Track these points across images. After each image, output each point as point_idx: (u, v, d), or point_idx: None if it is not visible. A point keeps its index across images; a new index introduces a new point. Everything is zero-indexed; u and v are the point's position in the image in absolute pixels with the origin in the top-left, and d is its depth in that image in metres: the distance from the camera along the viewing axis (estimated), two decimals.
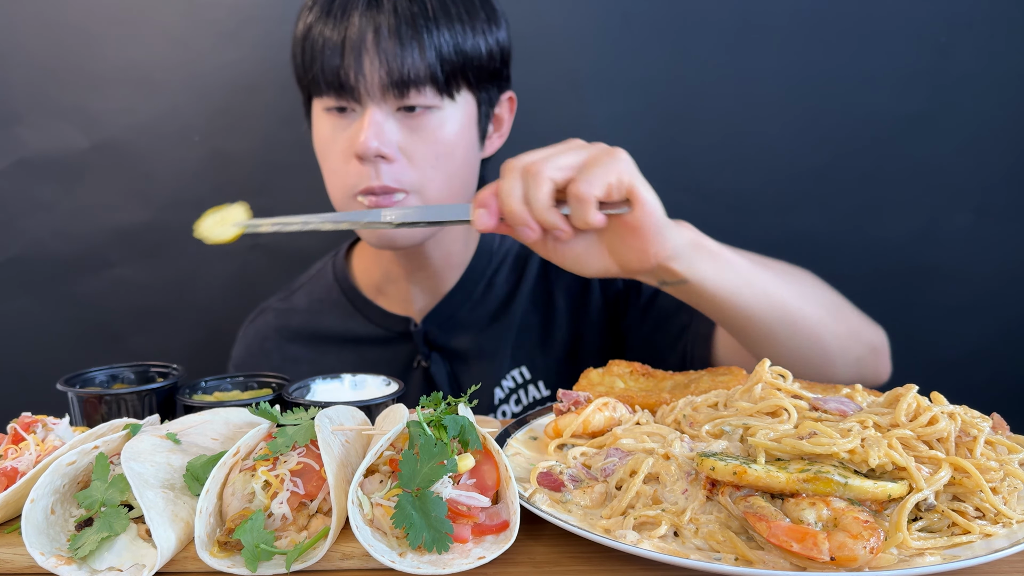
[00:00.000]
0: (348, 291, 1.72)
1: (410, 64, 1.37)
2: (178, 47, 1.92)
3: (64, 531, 0.82)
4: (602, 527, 0.83)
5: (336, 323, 1.71)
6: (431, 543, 0.76)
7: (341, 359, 1.68)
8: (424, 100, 1.40)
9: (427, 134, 1.43)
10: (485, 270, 1.67)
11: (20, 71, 1.91)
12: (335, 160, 1.47)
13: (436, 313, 1.65)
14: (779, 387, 0.97)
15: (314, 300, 1.75)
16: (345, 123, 1.44)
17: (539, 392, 1.65)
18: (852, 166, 2.01)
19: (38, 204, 1.96)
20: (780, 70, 1.96)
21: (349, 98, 1.40)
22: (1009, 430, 0.95)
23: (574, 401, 1.07)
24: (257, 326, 1.78)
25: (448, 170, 1.46)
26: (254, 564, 0.76)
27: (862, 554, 0.72)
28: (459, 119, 1.46)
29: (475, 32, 1.44)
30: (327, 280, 1.76)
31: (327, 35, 1.39)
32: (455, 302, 1.66)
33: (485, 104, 1.52)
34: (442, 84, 1.41)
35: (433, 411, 0.89)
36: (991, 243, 2.05)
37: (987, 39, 1.95)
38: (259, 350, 1.75)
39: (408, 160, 1.43)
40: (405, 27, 1.37)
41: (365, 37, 1.37)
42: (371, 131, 1.38)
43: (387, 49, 1.36)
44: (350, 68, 1.37)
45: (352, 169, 1.43)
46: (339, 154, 1.45)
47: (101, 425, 0.97)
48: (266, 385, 1.25)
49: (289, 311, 1.76)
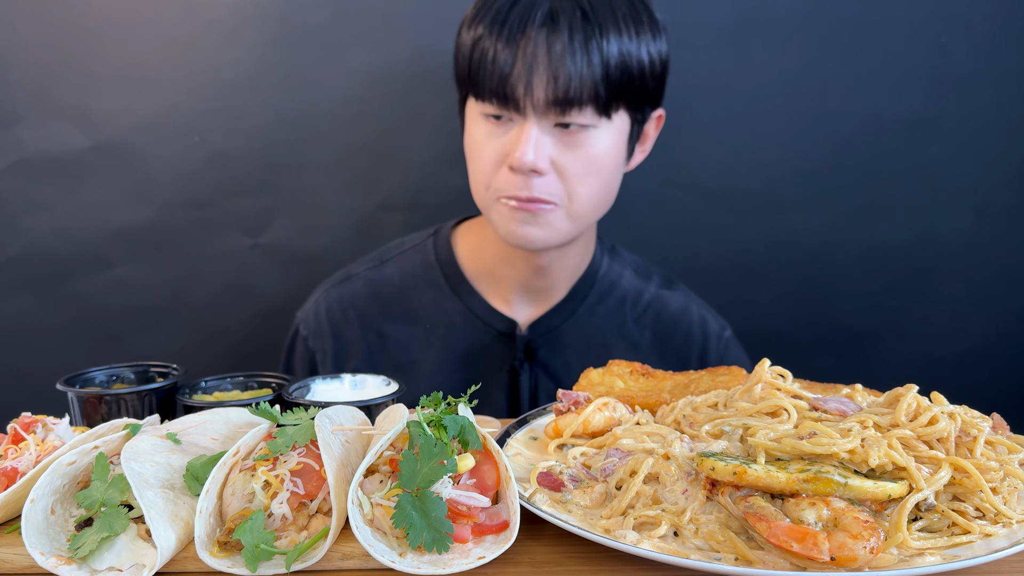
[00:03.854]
0: (451, 273, 1.67)
1: (577, 84, 1.38)
2: (178, 47, 1.92)
3: (64, 531, 0.82)
4: (602, 527, 0.83)
5: (430, 304, 1.66)
6: (431, 543, 0.76)
7: (429, 344, 1.65)
8: (583, 119, 1.42)
9: (581, 152, 1.44)
10: (588, 294, 1.67)
11: (20, 71, 1.91)
12: (486, 163, 1.47)
13: (540, 324, 1.64)
14: (779, 387, 0.97)
15: (407, 275, 1.69)
16: (501, 130, 1.45)
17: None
18: (852, 166, 2.01)
19: (38, 204, 1.96)
20: (780, 70, 1.96)
21: (512, 109, 1.41)
22: (1009, 430, 0.95)
23: (574, 401, 1.07)
24: (342, 291, 1.69)
25: (595, 186, 1.48)
26: (254, 564, 0.76)
27: (862, 554, 0.72)
28: (612, 138, 1.47)
29: (640, 41, 1.44)
30: (426, 255, 1.69)
31: (499, 50, 1.39)
32: (558, 318, 1.65)
33: (638, 124, 1.54)
34: (603, 104, 1.41)
35: (433, 411, 0.89)
36: (991, 243, 2.05)
37: (987, 39, 1.95)
38: (341, 318, 1.67)
39: (558, 174, 1.44)
40: (579, 46, 1.38)
41: (538, 54, 1.37)
42: (530, 146, 1.39)
43: (558, 67, 1.37)
44: (519, 82, 1.38)
45: (503, 175, 1.45)
46: (491, 159, 1.46)
47: (101, 425, 0.97)
48: (266, 385, 1.25)
49: (381, 282, 1.69)
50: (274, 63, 1.92)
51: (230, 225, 2.00)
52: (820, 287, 2.07)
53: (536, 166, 1.40)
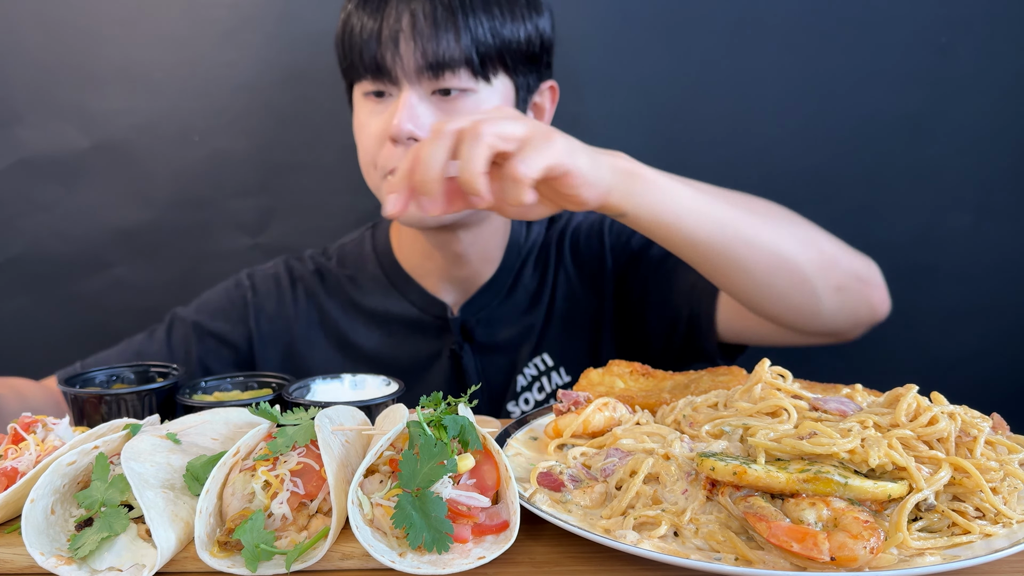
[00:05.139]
0: (387, 263, 1.70)
1: (445, 47, 1.38)
2: (178, 47, 1.92)
3: (64, 531, 0.82)
4: (602, 527, 0.83)
5: (369, 293, 1.69)
6: (431, 543, 0.76)
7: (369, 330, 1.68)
8: (459, 83, 1.41)
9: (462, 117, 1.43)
10: (514, 264, 1.67)
11: (20, 71, 1.91)
12: (369, 141, 1.48)
13: (471, 305, 1.65)
14: (779, 387, 0.97)
15: (348, 265, 1.72)
16: (382, 107, 1.45)
17: (561, 379, 1.65)
18: (852, 166, 2.01)
19: (38, 204, 1.96)
20: (780, 70, 1.96)
21: (386, 80, 1.42)
22: (1009, 430, 0.95)
23: (574, 401, 1.07)
24: (294, 265, 1.73)
25: None
26: (254, 564, 0.76)
27: (862, 554, 0.72)
28: (495, 103, 1.46)
29: (514, 18, 1.45)
30: (365, 251, 1.73)
31: (365, 22, 1.41)
32: (488, 295, 1.66)
33: (523, 90, 1.52)
34: (477, 67, 1.41)
35: (433, 411, 0.89)
36: (991, 243, 2.05)
37: (987, 39, 1.95)
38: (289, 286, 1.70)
39: None
40: (442, 11, 1.39)
41: (402, 22, 1.39)
42: (405, 113, 1.39)
43: (423, 32, 1.38)
44: (387, 51, 1.39)
45: (387, 151, 1.44)
46: (373, 136, 1.46)
47: (101, 425, 0.97)
48: (266, 385, 1.25)
49: (326, 268, 1.73)
50: (274, 63, 1.92)
51: (230, 225, 2.00)
52: None
53: (414, 133, 1.39)
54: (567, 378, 1.65)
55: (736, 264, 1.23)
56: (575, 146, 1.07)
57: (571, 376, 1.65)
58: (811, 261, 1.27)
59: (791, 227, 1.30)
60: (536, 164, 1.01)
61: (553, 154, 1.03)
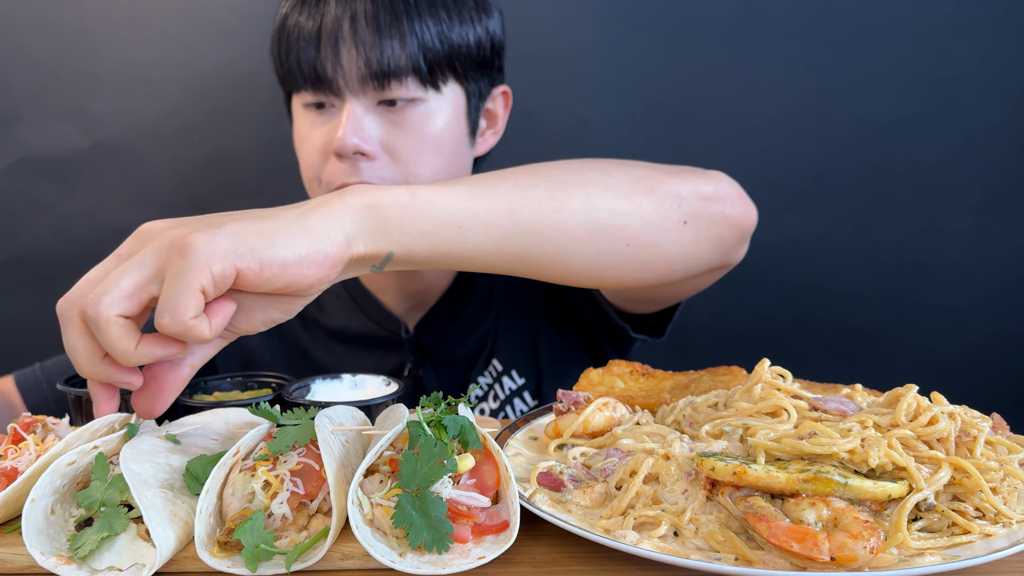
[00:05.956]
0: (349, 281, 1.62)
1: (390, 54, 1.29)
2: (178, 47, 1.92)
3: (64, 531, 0.82)
4: (602, 527, 0.83)
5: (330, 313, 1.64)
6: (431, 543, 0.76)
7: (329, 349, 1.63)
8: (406, 92, 1.33)
9: (411, 128, 1.35)
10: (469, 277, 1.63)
11: (20, 71, 1.91)
12: (312, 155, 1.39)
13: (429, 318, 1.62)
14: (779, 387, 0.97)
15: None
16: (324, 119, 1.38)
17: (514, 382, 1.61)
18: (852, 166, 2.01)
19: (38, 204, 1.96)
20: (780, 70, 1.96)
21: (328, 91, 1.33)
22: (1009, 430, 0.95)
23: (574, 401, 1.07)
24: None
25: (436, 165, 1.38)
26: (254, 564, 0.76)
27: (862, 554, 0.72)
28: (446, 112, 1.38)
29: (462, 21, 1.36)
30: None
31: (303, 24, 1.32)
32: (447, 307, 1.62)
33: (475, 97, 1.44)
34: (425, 75, 1.32)
35: (433, 411, 0.89)
36: (991, 243, 2.05)
37: (987, 39, 1.95)
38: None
39: (391, 157, 1.36)
40: (384, 14, 1.30)
41: (342, 26, 1.29)
42: (349, 126, 1.31)
43: (365, 38, 1.28)
44: (327, 59, 1.30)
45: (331, 166, 1.36)
46: (317, 151, 1.38)
47: (94, 421, 0.95)
48: (266, 385, 1.25)
49: None
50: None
51: None
52: (820, 287, 2.07)
53: (361, 147, 1.31)
54: (520, 380, 1.61)
55: (552, 251, 1.02)
56: (240, 229, 0.83)
57: (524, 378, 1.62)
58: (639, 208, 1.07)
59: (605, 179, 1.07)
60: (185, 304, 0.77)
61: (199, 275, 0.78)
